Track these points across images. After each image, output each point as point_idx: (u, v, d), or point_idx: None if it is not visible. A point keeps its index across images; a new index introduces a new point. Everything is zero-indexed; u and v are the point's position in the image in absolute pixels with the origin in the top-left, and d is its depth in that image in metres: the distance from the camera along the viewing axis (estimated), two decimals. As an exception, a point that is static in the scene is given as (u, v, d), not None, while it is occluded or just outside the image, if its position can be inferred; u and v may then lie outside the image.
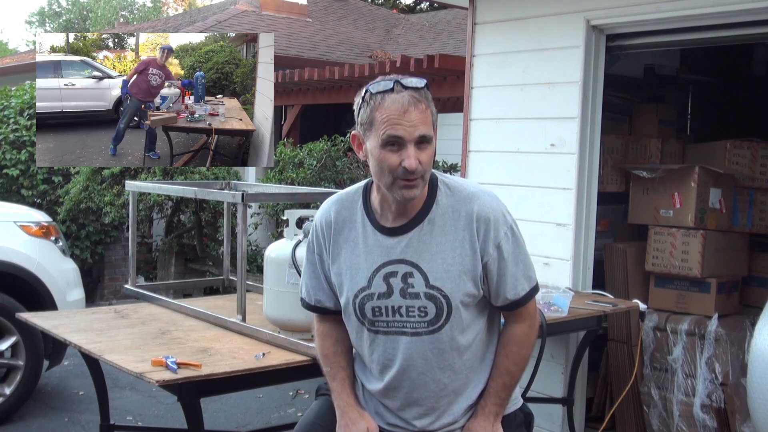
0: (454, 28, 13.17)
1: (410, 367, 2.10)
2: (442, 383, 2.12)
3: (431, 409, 2.14)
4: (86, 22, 29.29)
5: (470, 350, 2.13)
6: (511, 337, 2.17)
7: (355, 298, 2.12)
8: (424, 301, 2.06)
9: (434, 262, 2.05)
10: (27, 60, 13.82)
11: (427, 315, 2.07)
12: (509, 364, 2.16)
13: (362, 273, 2.11)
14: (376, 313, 2.11)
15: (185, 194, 3.95)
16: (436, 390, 2.12)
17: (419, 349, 2.09)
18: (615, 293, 4.37)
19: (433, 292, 2.05)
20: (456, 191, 2.10)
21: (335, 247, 2.17)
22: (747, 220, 4.60)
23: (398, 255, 2.08)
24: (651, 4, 3.87)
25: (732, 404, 4.07)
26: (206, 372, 2.58)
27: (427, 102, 1.99)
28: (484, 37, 4.59)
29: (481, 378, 2.18)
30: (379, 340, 2.13)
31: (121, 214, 7.48)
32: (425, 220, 2.07)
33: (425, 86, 2.00)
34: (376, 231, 2.12)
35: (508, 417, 2.22)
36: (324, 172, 6.94)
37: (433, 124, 2.00)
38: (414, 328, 2.08)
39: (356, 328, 2.18)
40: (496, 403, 2.15)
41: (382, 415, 2.21)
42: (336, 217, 2.18)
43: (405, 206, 2.07)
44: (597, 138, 4.23)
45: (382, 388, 2.17)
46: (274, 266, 3.13)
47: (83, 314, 3.57)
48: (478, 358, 2.16)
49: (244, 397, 5.14)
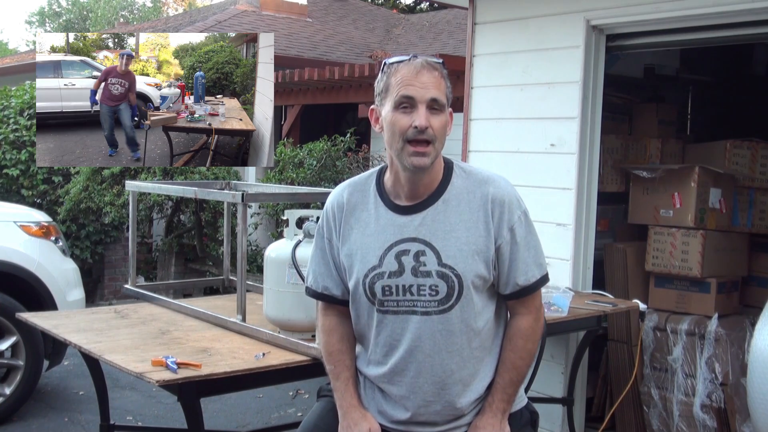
0: (454, 28, 13.17)
1: (417, 349, 2.07)
2: (450, 369, 2.08)
3: (436, 398, 2.09)
4: (86, 22, 29.29)
5: (479, 337, 2.11)
6: (517, 330, 2.15)
7: (365, 277, 2.10)
8: (435, 280, 2.05)
9: (447, 240, 2.05)
10: (27, 60, 13.82)
11: (438, 294, 2.05)
12: (515, 358, 2.13)
13: (373, 252, 2.10)
14: (386, 292, 2.09)
15: (185, 194, 3.95)
16: (443, 376, 2.08)
17: (428, 330, 2.07)
18: (615, 293, 4.37)
19: (445, 270, 2.04)
20: (471, 174, 2.14)
21: (346, 228, 2.17)
22: (747, 220, 4.60)
23: (411, 233, 2.08)
24: (651, 4, 3.87)
25: (732, 404, 4.07)
26: (206, 372, 2.58)
27: (442, 73, 2.05)
28: (484, 37, 4.59)
29: (488, 370, 2.15)
30: (388, 320, 2.11)
31: (121, 214, 7.48)
32: (440, 199, 2.09)
33: (442, 63, 2.07)
34: (388, 210, 2.12)
35: (515, 415, 2.19)
36: (324, 172, 6.94)
37: (447, 97, 2.05)
38: (424, 307, 2.06)
39: (364, 310, 2.15)
40: (504, 399, 2.12)
41: (385, 413, 2.17)
42: (348, 198, 2.19)
43: (418, 186, 2.08)
44: (597, 138, 4.23)
45: (387, 371, 2.13)
46: (274, 266, 3.13)
47: (83, 314, 3.57)
48: (486, 348, 2.13)
49: (244, 397, 5.14)
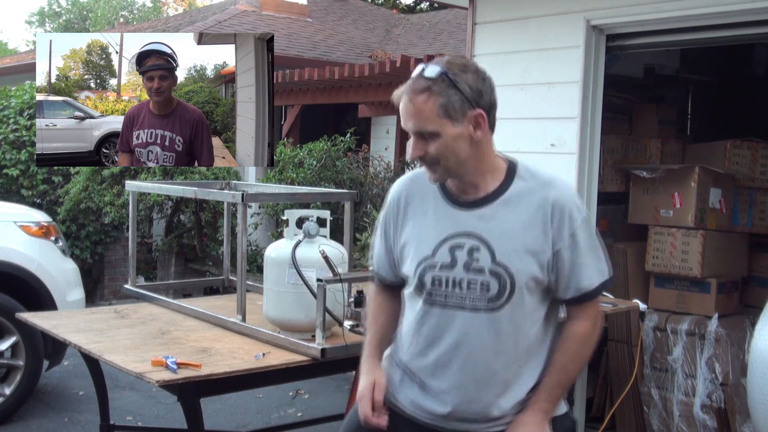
0: (454, 28, 13.17)
1: (462, 345, 2.05)
2: (494, 368, 2.05)
3: (477, 396, 2.07)
4: (86, 22, 29.28)
5: (527, 340, 2.07)
6: (574, 335, 2.10)
7: (418, 266, 2.10)
8: (488, 277, 2.03)
9: (503, 239, 2.04)
10: (27, 60, 13.82)
11: (489, 291, 2.03)
12: (566, 361, 2.09)
13: (428, 242, 2.11)
14: (435, 283, 2.08)
15: (185, 194, 3.96)
16: (486, 375, 2.05)
17: (475, 327, 2.05)
18: (615, 293, 4.37)
19: (498, 269, 2.02)
20: (536, 175, 2.11)
21: (404, 218, 2.19)
22: (747, 220, 4.60)
23: (468, 228, 2.07)
24: (651, 4, 3.87)
25: (732, 404, 4.07)
26: (206, 372, 2.59)
27: (432, 90, 1.98)
28: (484, 37, 4.59)
29: (533, 374, 2.10)
30: (434, 312, 2.09)
31: (121, 214, 7.48)
32: (500, 198, 2.08)
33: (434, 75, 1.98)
34: (448, 203, 2.13)
35: (557, 419, 2.14)
36: (324, 172, 6.94)
37: (443, 114, 1.98)
38: (474, 303, 2.05)
39: (411, 299, 2.16)
40: (548, 399, 2.09)
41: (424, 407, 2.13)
42: (410, 189, 2.21)
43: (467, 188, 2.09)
44: (597, 138, 4.23)
45: (430, 363, 2.10)
46: (274, 266, 3.13)
47: (83, 314, 3.58)
48: (532, 352, 2.10)
49: (244, 397, 5.14)
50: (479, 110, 2.01)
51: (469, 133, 2.02)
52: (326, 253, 3.02)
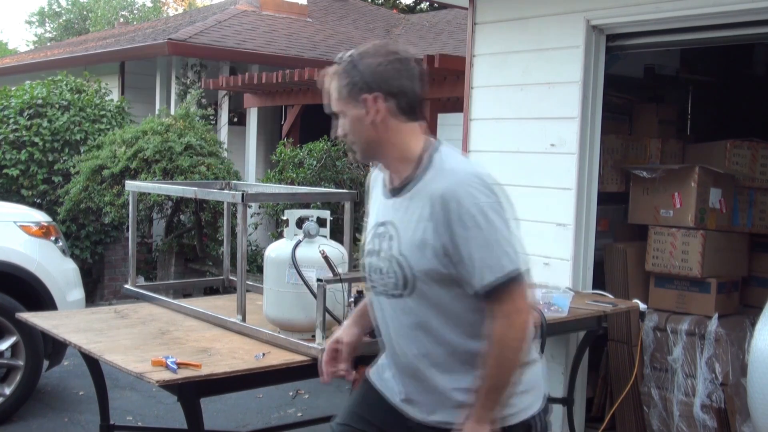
0: (454, 28, 13.16)
1: (389, 330, 2.14)
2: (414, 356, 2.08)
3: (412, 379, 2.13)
4: (86, 22, 29.25)
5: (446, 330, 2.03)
6: (489, 336, 1.98)
7: (363, 254, 2.19)
8: (394, 266, 2.05)
9: (406, 231, 2.05)
10: (27, 60, 13.81)
11: (395, 279, 2.06)
12: (490, 365, 1.97)
13: (368, 230, 2.20)
14: (369, 270, 2.16)
15: (185, 194, 3.96)
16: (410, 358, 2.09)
17: (393, 313, 2.11)
18: (615, 293, 4.37)
19: (400, 258, 2.04)
20: (438, 166, 2.04)
21: (369, 206, 2.27)
22: (747, 220, 4.60)
23: (388, 217, 2.12)
24: (651, 4, 3.87)
25: (732, 404, 4.07)
26: (206, 372, 2.59)
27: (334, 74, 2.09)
28: (484, 37, 4.59)
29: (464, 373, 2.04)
30: (374, 299, 2.19)
31: (121, 214, 7.47)
32: (410, 187, 2.07)
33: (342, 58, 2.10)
34: (383, 192, 2.19)
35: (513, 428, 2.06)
36: (324, 172, 6.94)
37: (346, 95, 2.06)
38: (387, 290, 2.10)
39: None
40: (482, 405, 1.98)
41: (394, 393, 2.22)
42: (375, 178, 2.28)
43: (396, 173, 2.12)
44: (597, 138, 4.23)
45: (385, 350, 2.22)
46: (274, 266, 3.13)
47: (83, 314, 3.57)
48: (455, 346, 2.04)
49: (244, 397, 5.14)
50: (375, 93, 2.02)
51: (366, 115, 2.05)
52: (326, 253, 3.02)
